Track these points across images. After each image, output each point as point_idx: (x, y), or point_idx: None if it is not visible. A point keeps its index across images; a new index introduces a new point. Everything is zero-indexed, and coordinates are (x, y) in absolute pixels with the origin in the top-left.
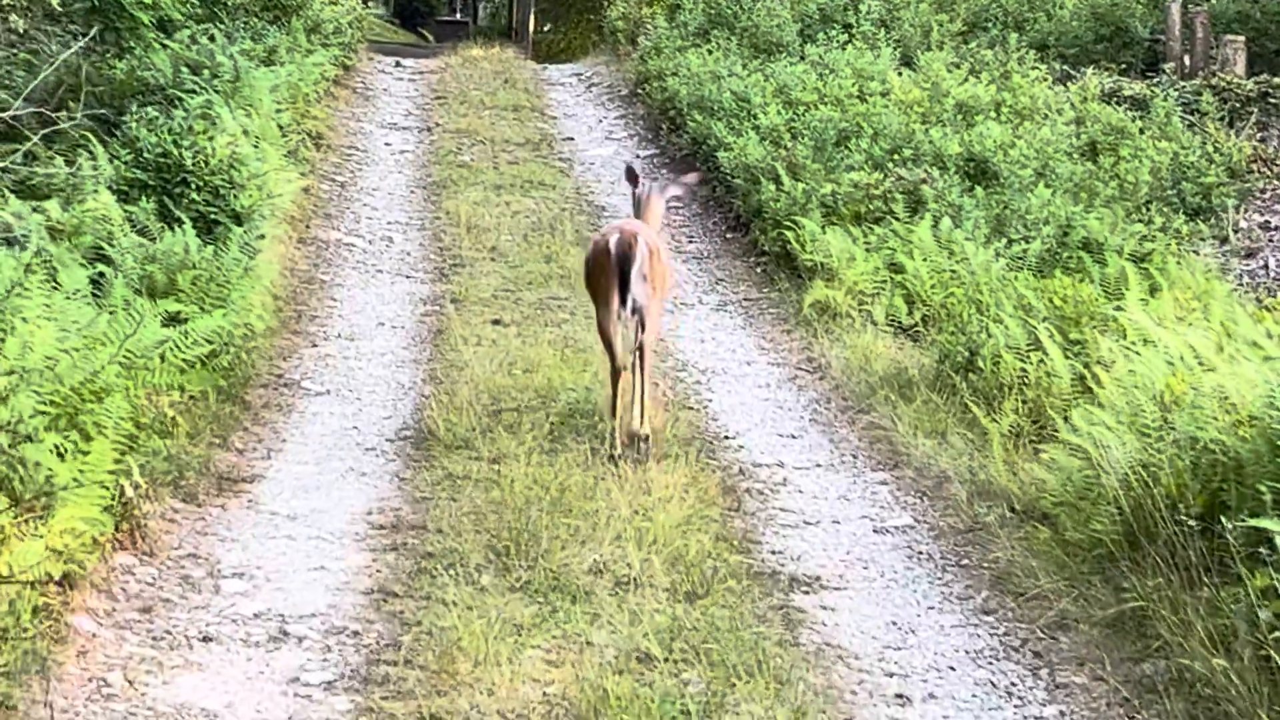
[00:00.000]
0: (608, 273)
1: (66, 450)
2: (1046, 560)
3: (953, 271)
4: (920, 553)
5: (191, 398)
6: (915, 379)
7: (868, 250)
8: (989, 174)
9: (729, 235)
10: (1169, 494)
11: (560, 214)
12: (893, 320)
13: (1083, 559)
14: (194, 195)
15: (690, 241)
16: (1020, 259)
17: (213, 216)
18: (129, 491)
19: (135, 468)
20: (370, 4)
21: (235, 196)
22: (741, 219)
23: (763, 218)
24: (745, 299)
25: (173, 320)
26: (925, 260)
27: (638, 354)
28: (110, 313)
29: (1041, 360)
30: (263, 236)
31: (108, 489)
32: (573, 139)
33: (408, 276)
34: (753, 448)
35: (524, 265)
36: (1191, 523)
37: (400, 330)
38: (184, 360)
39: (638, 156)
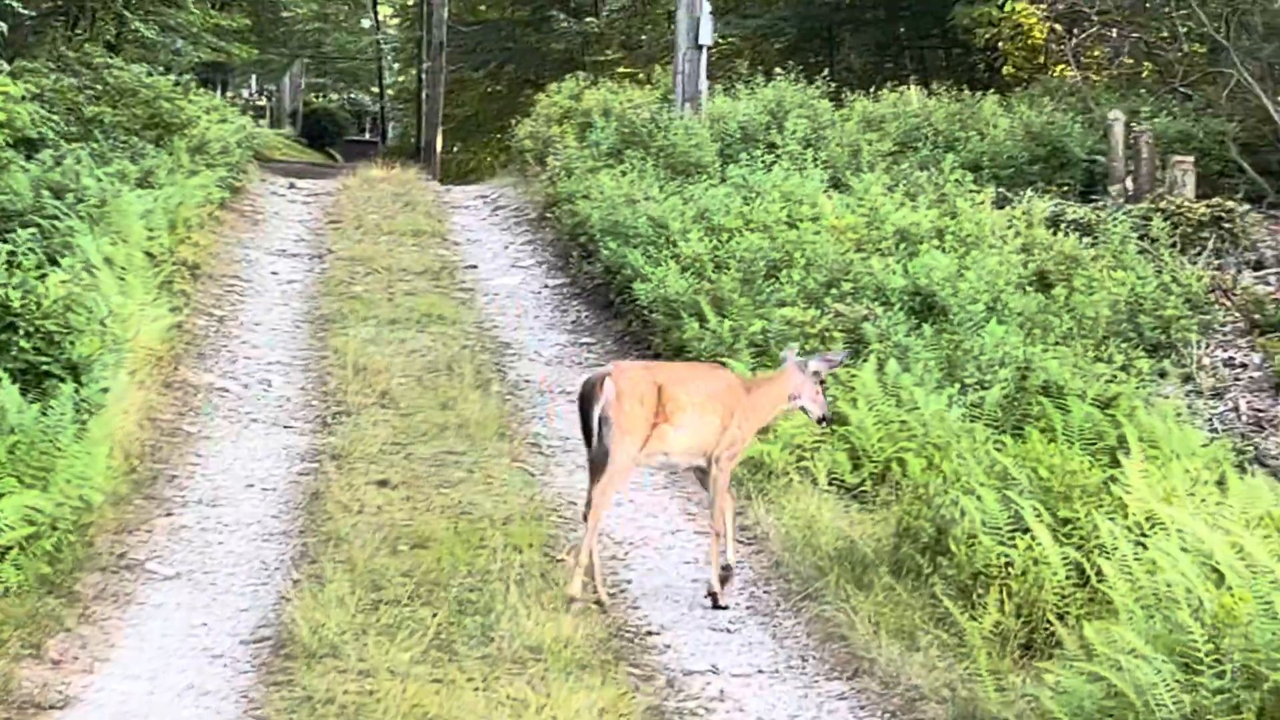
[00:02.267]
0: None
1: None
2: None
3: (902, 422)
4: None
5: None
6: (871, 559)
7: None
8: (936, 310)
9: None
10: None
11: (460, 352)
12: (835, 479)
13: None
14: (21, 343)
15: None
16: (977, 407)
17: (44, 367)
18: None
19: None
20: (276, 125)
21: (72, 343)
22: (661, 358)
23: (685, 357)
24: None
25: None
26: (870, 409)
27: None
28: None
29: (1029, 546)
30: (106, 390)
31: None
32: (476, 267)
33: (286, 427)
34: (681, 648)
35: (417, 413)
36: None
37: (271, 494)
38: None
39: (546, 285)
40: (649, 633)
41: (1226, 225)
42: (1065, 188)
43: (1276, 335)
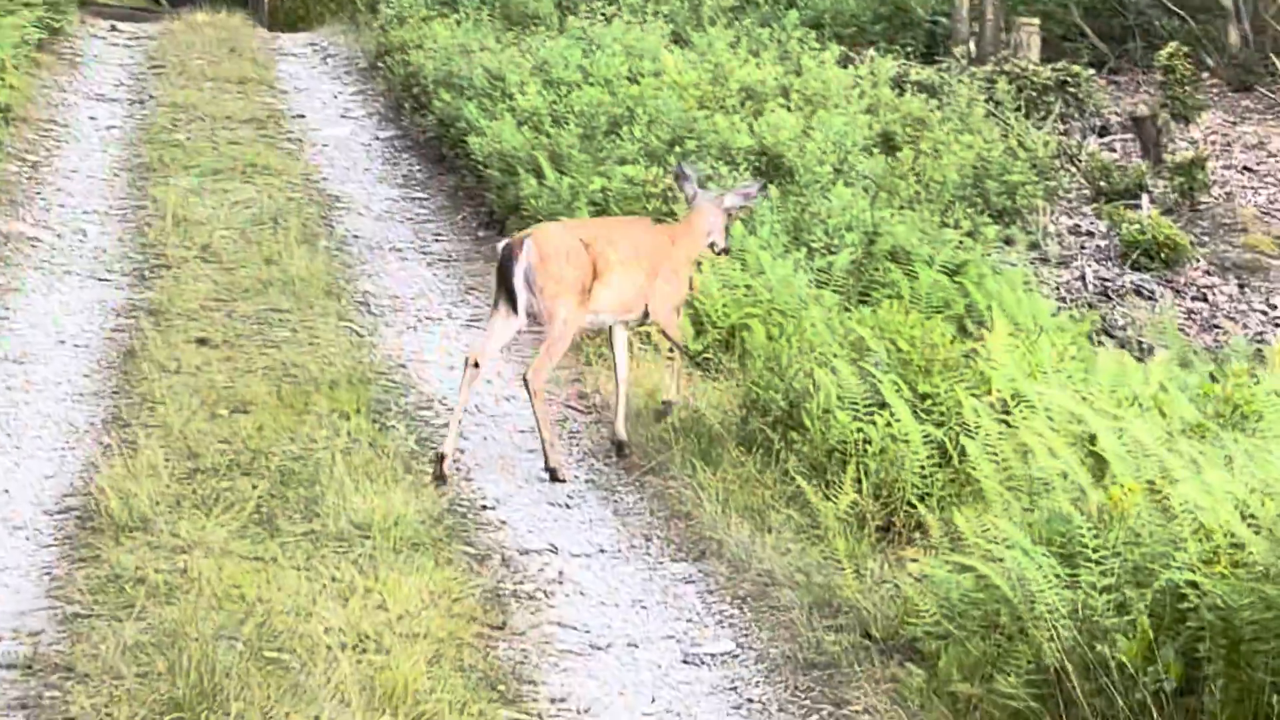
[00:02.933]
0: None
1: None
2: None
3: (747, 287)
4: (750, 700)
5: None
6: (718, 431)
7: None
8: (783, 171)
9: (481, 235)
10: (1131, 657)
11: (286, 205)
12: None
13: None
14: None
15: (436, 240)
16: (825, 273)
17: None
18: None
19: None
20: None
21: None
22: (496, 216)
23: (522, 216)
24: None
25: None
26: (715, 272)
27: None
28: None
29: (888, 422)
30: None
31: None
32: (304, 116)
33: (101, 280)
34: (518, 524)
35: (240, 268)
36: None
37: (84, 350)
38: None
39: (377, 138)
40: (484, 507)
41: (1072, 90)
42: (908, 48)
43: (1122, 203)
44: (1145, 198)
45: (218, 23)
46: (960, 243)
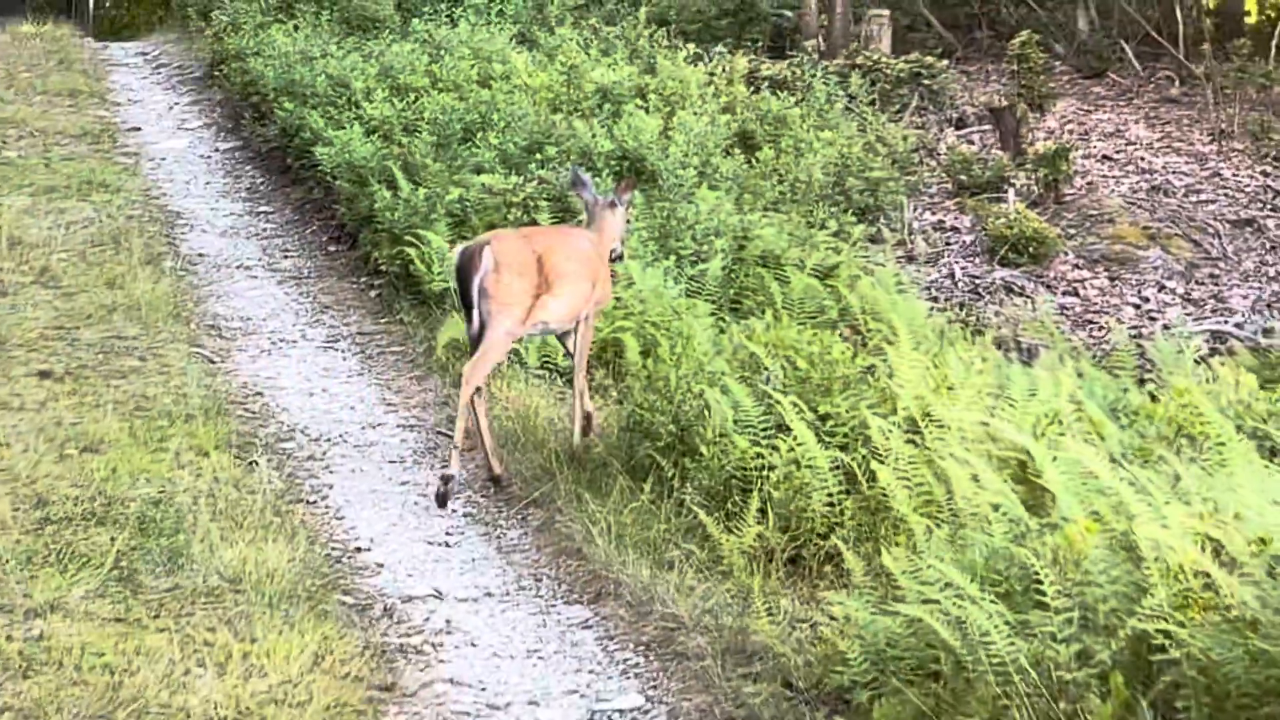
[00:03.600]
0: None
1: None
2: None
3: (618, 299)
4: None
5: None
6: (604, 456)
7: None
8: (645, 175)
9: (331, 249)
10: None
11: (127, 224)
12: (547, 362)
13: None
14: None
15: (285, 256)
16: (697, 280)
17: None
18: None
19: None
20: None
21: None
22: (346, 229)
23: (375, 229)
24: (360, 333)
25: None
26: None
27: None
28: None
29: (791, 447)
30: None
31: None
32: (140, 129)
33: None
34: (397, 567)
35: (82, 293)
36: None
37: None
38: None
39: (217, 149)
40: (359, 549)
41: (927, 82)
42: (756, 43)
43: (985, 197)
44: (1011, 191)
45: (45, 34)
46: (830, 245)
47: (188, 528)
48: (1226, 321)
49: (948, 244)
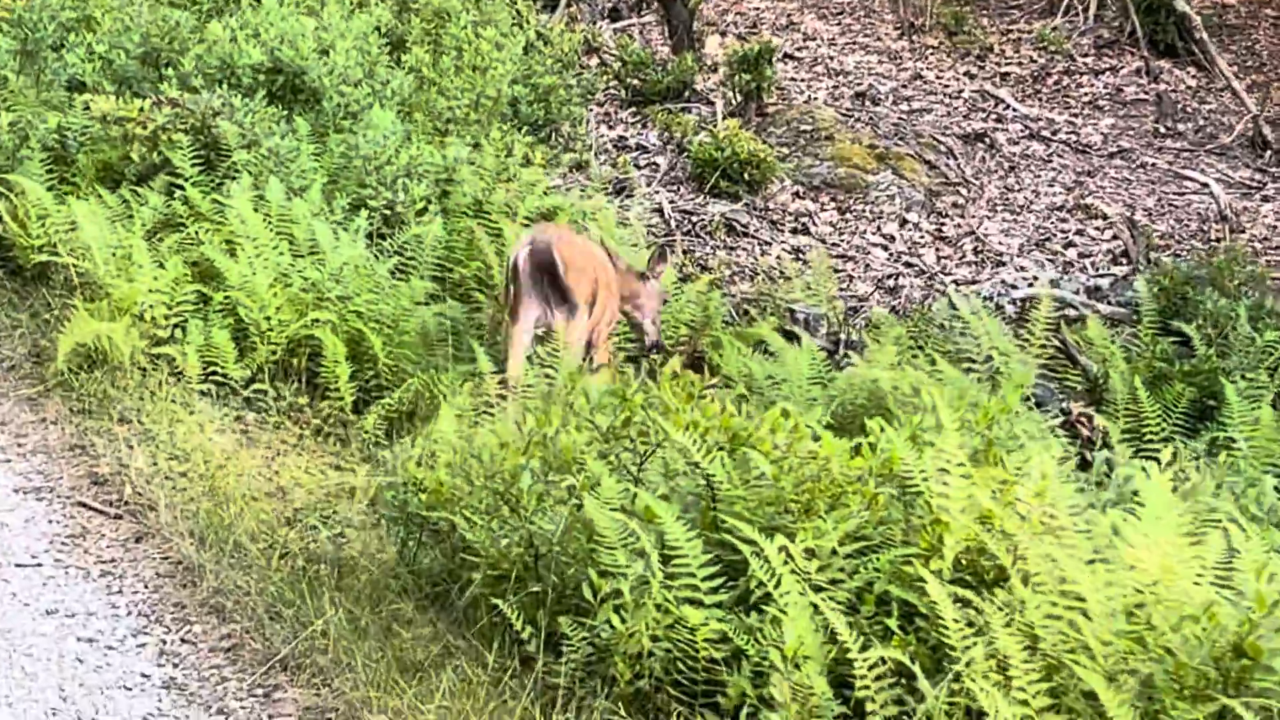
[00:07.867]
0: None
1: None
2: None
3: (307, 279)
4: None
5: None
6: (358, 562)
7: (152, 238)
8: (305, 94)
9: None
10: None
11: None
12: (215, 372)
13: None
14: None
15: None
16: (412, 251)
17: None
18: None
19: None
20: None
21: None
22: None
23: None
24: None
25: None
26: (258, 256)
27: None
28: None
29: (778, 626)
30: None
31: None
32: None
33: None
34: None
35: None
36: None
37: None
38: None
39: None
40: None
41: None
42: None
43: (667, 106)
44: (720, 102)
45: None
46: (531, 180)
47: None
48: (1031, 284)
49: (637, 166)
